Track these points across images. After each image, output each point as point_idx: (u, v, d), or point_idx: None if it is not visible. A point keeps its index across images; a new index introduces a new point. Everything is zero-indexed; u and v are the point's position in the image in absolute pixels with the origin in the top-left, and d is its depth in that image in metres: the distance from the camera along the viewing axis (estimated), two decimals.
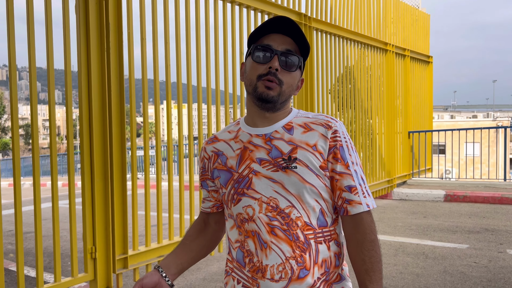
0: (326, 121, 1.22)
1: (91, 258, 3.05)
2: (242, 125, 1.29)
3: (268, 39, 1.21)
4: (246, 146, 1.24)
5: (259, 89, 1.18)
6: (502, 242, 4.42)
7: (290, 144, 1.19)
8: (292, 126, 1.23)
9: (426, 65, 8.87)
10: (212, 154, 1.30)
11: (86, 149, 3.03)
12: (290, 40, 1.21)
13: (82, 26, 3.01)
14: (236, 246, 1.24)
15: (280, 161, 1.18)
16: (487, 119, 35.41)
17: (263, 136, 1.23)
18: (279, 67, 1.18)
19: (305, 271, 1.15)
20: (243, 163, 1.22)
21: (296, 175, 1.16)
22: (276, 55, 1.19)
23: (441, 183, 8.01)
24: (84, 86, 3.02)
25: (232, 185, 1.23)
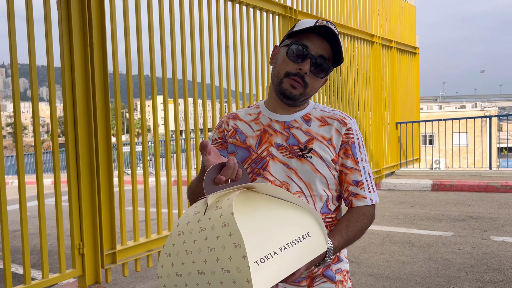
0: (342, 117, 1.30)
1: (79, 254, 3.05)
2: (262, 109, 1.35)
3: (308, 39, 1.23)
4: (266, 129, 1.30)
5: (284, 85, 1.24)
6: (486, 229, 4.51)
7: (307, 134, 1.27)
8: (310, 118, 1.30)
9: (412, 56, 8.94)
10: (232, 129, 1.35)
11: (71, 145, 3.02)
12: (327, 46, 1.24)
13: (64, 21, 3.00)
14: None
15: (296, 149, 1.25)
16: (475, 109, 35.78)
17: (282, 123, 1.29)
18: (308, 71, 1.22)
19: None
20: (262, 144, 1.28)
21: (309, 164, 1.24)
22: (309, 58, 1.22)
23: (428, 173, 8.11)
24: (68, 82, 3.02)
25: (249, 164, 1.29)
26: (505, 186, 6.56)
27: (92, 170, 3.09)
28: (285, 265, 0.91)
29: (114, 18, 3.25)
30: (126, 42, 3.38)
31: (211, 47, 4.12)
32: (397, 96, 8.15)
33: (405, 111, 8.57)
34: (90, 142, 3.09)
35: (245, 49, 4.53)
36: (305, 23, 1.24)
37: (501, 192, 6.52)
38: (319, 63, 1.23)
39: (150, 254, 3.54)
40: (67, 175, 3.02)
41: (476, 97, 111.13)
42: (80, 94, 3.05)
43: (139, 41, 3.47)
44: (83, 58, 3.07)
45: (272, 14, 4.93)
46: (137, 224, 3.46)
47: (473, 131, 8.61)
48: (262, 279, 0.83)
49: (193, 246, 0.92)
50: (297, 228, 0.99)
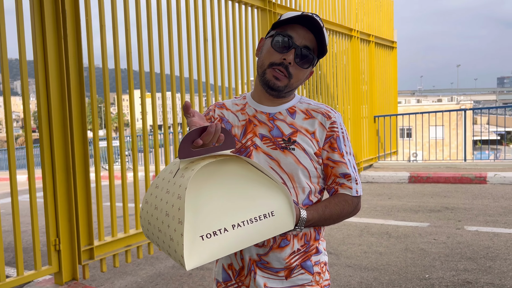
0: (327, 111, 1.30)
1: (55, 250, 3.00)
2: (248, 100, 1.35)
3: (292, 30, 1.22)
4: (251, 120, 1.31)
5: (267, 75, 1.24)
6: (460, 219, 4.63)
7: (291, 127, 1.27)
8: (295, 111, 1.30)
9: (390, 50, 9.06)
10: (218, 118, 1.35)
11: (46, 140, 2.96)
12: (312, 37, 1.23)
13: (36, 13, 2.92)
14: None
15: (279, 140, 1.26)
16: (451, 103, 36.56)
17: (267, 115, 1.30)
18: (292, 61, 1.22)
19: (286, 241, 1.25)
20: (247, 134, 1.30)
21: (292, 156, 1.24)
22: (293, 48, 1.21)
23: (406, 166, 8.26)
24: (41, 76, 2.94)
25: (233, 153, 1.29)
26: (479, 177, 6.74)
27: (68, 166, 3.04)
28: (234, 241, 0.96)
29: (89, 10, 3.19)
30: (101, 35, 3.32)
31: (189, 40, 4.08)
32: (375, 90, 8.25)
33: (383, 105, 8.69)
34: (65, 137, 3.03)
35: (223, 42, 4.51)
36: (290, 14, 1.24)
37: (475, 183, 6.70)
38: (304, 54, 1.23)
39: (128, 249, 3.51)
40: (41, 171, 2.95)
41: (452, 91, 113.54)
42: (55, 88, 2.98)
43: (115, 33, 3.41)
44: (57, 51, 3.00)
45: (251, 7, 4.92)
46: (115, 220, 3.42)
47: (449, 124, 8.80)
48: (198, 256, 0.90)
49: (159, 203, 0.99)
50: (261, 206, 1.02)
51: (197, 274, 3.39)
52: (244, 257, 1.27)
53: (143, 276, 3.43)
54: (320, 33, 1.23)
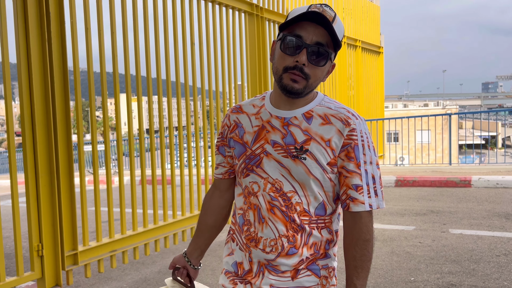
0: (347, 117, 1.21)
1: (37, 256, 2.95)
2: (266, 102, 1.30)
3: (300, 28, 1.15)
4: (264, 126, 1.27)
5: (284, 80, 1.18)
6: (445, 223, 4.68)
7: (306, 134, 1.22)
8: (312, 116, 1.23)
9: (377, 55, 9.15)
10: (233, 124, 1.33)
11: (29, 144, 2.92)
12: (323, 31, 1.15)
13: (20, 15, 2.88)
14: (239, 212, 1.34)
15: (291, 148, 1.22)
16: (437, 107, 37.04)
17: (282, 119, 1.25)
18: (306, 62, 1.15)
19: (294, 250, 1.24)
20: (258, 141, 1.27)
21: (303, 166, 1.20)
22: (305, 48, 1.15)
23: (392, 169, 8.33)
24: (25, 79, 2.90)
25: (244, 160, 1.29)
26: (464, 181, 6.82)
27: (51, 170, 2.99)
28: None
29: (74, 12, 3.16)
30: (87, 38, 3.29)
31: (176, 44, 4.07)
32: (362, 94, 8.32)
33: (370, 109, 8.76)
34: (49, 140, 2.99)
35: (211, 46, 4.50)
36: (297, 11, 1.18)
37: (460, 187, 6.78)
38: (317, 51, 1.15)
39: (113, 254, 3.47)
40: (24, 175, 2.91)
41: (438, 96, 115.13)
42: (38, 91, 2.94)
43: (101, 37, 3.39)
44: (41, 54, 2.96)
45: (238, 11, 4.93)
46: (100, 224, 3.38)
47: (435, 128, 8.91)
48: None
49: None
50: None
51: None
52: (253, 260, 1.29)
53: (129, 281, 3.39)
54: (330, 26, 1.14)
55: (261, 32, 5.23)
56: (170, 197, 5.54)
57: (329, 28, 1.15)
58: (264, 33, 5.37)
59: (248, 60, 5.11)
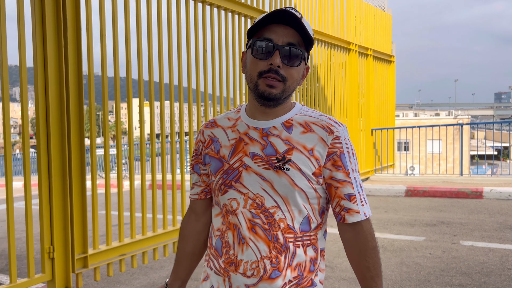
0: (329, 124, 1.17)
1: (48, 258, 2.99)
2: (242, 114, 1.24)
3: (269, 32, 1.13)
4: (242, 138, 1.20)
5: (260, 87, 1.13)
6: (456, 234, 4.63)
7: (287, 143, 1.15)
8: (292, 124, 1.18)
9: (388, 64, 9.13)
10: (208, 139, 1.26)
11: (43, 147, 2.96)
12: (292, 31, 1.13)
13: (38, 21, 2.94)
14: (217, 234, 1.24)
15: (273, 159, 1.15)
16: (449, 117, 36.72)
17: (261, 130, 1.18)
18: (281, 63, 1.11)
19: (277, 273, 1.15)
20: (235, 154, 1.19)
21: (287, 177, 1.14)
22: (277, 50, 1.11)
23: (402, 179, 8.27)
24: (41, 83, 2.96)
25: (221, 175, 1.21)
26: (475, 192, 6.75)
27: (64, 173, 3.03)
28: None
29: (90, 18, 3.21)
30: (102, 43, 3.34)
31: (189, 50, 4.11)
32: (373, 103, 8.30)
33: (381, 118, 8.72)
34: (62, 144, 3.03)
35: (223, 52, 4.54)
36: (262, 16, 1.16)
37: (471, 198, 6.70)
38: (290, 52, 1.12)
39: (123, 258, 3.49)
40: (38, 178, 2.95)
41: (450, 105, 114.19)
42: (53, 95, 2.99)
43: (115, 42, 3.44)
44: (57, 59, 3.01)
45: (251, 19, 4.96)
46: (110, 228, 3.41)
47: (446, 138, 8.84)
48: None
49: None
50: None
51: (190, 285, 3.37)
52: (233, 286, 1.19)
53: (137, 285, 3.40)
54: (300, 25, 1.12)
55: None
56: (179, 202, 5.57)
57: (299, 27, 1.12)
58: None
59: None
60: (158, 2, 3.79)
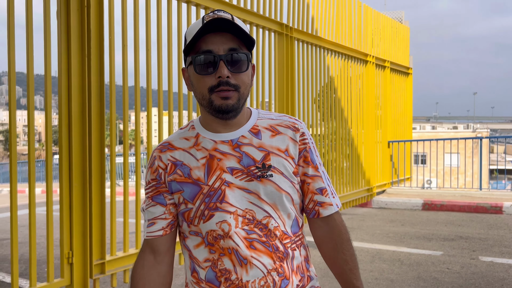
0: (292, 123, 1.18)
1: (67, 263, 3.04)
2: (200, 130, 1.16)
3: (206, 43, 1.06)
4: (213, 155, 1.12)
5: (215, 102, 1.08)
6: (475, 249, 4.55)
7: (261, 150, 1.13)
8: (259, 130, 1.15)
9: (406, 76, 9.08)
10: (169, 163, 1.15)
11: (65, 154, 3.03)
12: (230, 36, 1.07)
13: (63, 32, 3.04)
14: (206, 265, 1.13)
15: (253, 169, 1.11)
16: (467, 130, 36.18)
17: (230, 142, 1.13)
18: (229, 73, 1.06)
19: (286, 281, 1.12)
20: (212, 173, 1.11)
21: (272, 183, 1.11)
22: (221, 60, 1.06)
23: (419, 192, 8.16)
24: (64, 92, 3.04)
25: (201, 200, 1.11)
26: (495, 207, 6.62)
27: (84, 180, 3.10)
28: None
29: (113, 29, 3.30)
30: (123, 54, 3.42)
31: None
32: (390, 115, 8.25)
33: (398, 130, 8.66)
34: (83, 151, 3.10)
35: None
36: (193, 28, 1.09)
37: (491, 213, 6.57)
38: (234, 58, 1.07)
39: None
40: (59, 184, 3.02)
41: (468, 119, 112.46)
42: (76, 104, 3.07)
43: (137, 53, 3.52)
44: (81, 68, 3.10)
45: (268, 31, 5.02)
46: (127, 235, 3.45)
47: (464, 152, 8.71)
48: None
49: None
50: None
51: None
52: None
53: None
54: (235, 27, 1.06)
55: (289, 51, 5.31)
56: None
57: (235, 29, 1.06)
58: (293, 52, 5.44)
59: (276, 77, 5.19)
60: (179, 14, 3.87)
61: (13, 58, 2.77)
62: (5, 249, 4.92)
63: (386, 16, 8.16)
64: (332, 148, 6.46)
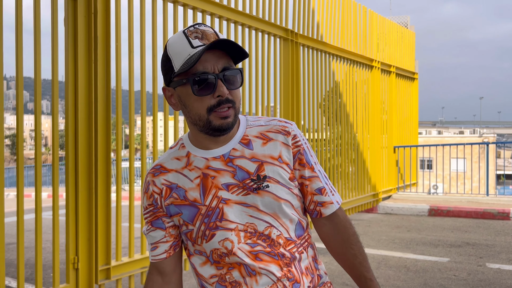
0: (282, 126, 1.16)
1: (73, 269, 3.04)
2: (190, 149, 1.15)
3: (201, 63, 1.05)
4: (206, 173, 1.11)
5: (214, 122, 1.07)
6: (482, 256, 4.50)
7: (254, 160, 1.11)
8: (250, 140, 1.14)
9: (411, 81, 9.06)
10: (164, 188, 1.14)
11: (71, 159, 3.04)
12: (219, 53, 1.07)
13: (70, 38, 3.06)
14: (213, 281, 1.14)
15: (249, 182, 1.10)
16: (473, 135, 35.97)
17: (222, 158, 1.12)
18: (227, 90, 1.07)
19: (297, 285, 1.12)
20: (208, 193, 1.11)
21: (269, 194, 1.11)
22: (219, 80, 1.06)
23: (425, 198, 8.11)
24: (71, 97, 3.06)
25: (201, 221, 1.11)
26: (502, 213, 6.56)
27: (90, 185, 3.11)
28: None
29: (119, 35, 3.32)
30: (129, 59, 3.44)
31: None
32: (396, 120, 8.22)
33: (404, 135, 8.63)
34: (90, 156, 3.11)
35: (246, 69, 4.60)
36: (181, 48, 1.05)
37: (498, 219, 6.52)
38: (229, 77, 1.08)
39: (144, 271, 3.52)
40: (65, 189, 3.03)
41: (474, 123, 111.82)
42: (83, 109, 3.09)
43: (143, 58, 3.54)
44: (87, 73, 3.12)
45: (274, 36, 5.03)
46: (132, 240, 3.46)
47: (471, 157, 8.66)
48: None
49: None
50: None
51: None
52: None
53: None
54: (224, 43, 1.05)
55: (295, 57, 5.32)
56: None
57: (225, 45, 1.06)
58: (298, 57, 5.44)
59: (281, 83, 5.19)
60: (185, 20, 3.89)
61: (20, 63, 2.79)
62: (12, 254, 4.94)
63: (391, 21, 8.16)
64: (337, 153, 6.45)
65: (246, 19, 4.49)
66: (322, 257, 3.77)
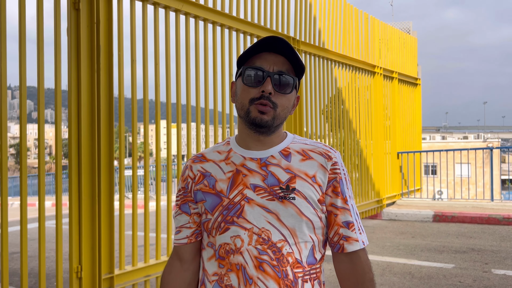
0: (326, 150, 1.16)
1: (76, 277, 3.04)
2: (233, 146, 1.19)
3: (260, 60, 1.12)
4: (239, 170, 1.14)
5: (252, 114, 1.11)
6: (487, 262, 4.46)
7: (288, 172, 1.12)
8: (290, 152, 1.15)
9: (414, 87, 9.05)
10: (198, 174, 1.18)
11: (74, 168, 3.05)
12: (283, 59, 1.13)
13: (73, 47, 3.08)
14: (213, 279, 1.15)
15: (277, 189, 1.10)
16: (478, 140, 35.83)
17: (258, 161, 1.14)
18: (272, 90, 1.10)
19: None
20: (235, 188, 1.13)
21: (293, 206, 1.10)
22: (268, 77, 1.10)
23: (430, 204, 8.07)
24: (74, 106, 3.07)
25: (220, 212, 1.13)
26: (507, 218, 6.51)
27: (93, 193, 3.11)
28: None
29: (122, 44, 3.34)
30: (132, 68, 3.46)
31: (215, 74, 4.21)
32: (399, 125, 8.21)
33: (407, 141, 8.61)
34: (93, 165, 3.12)
35: None
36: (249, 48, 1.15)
37: (503, 225, 6.47)
38: (281, 79, 1.11)
39: (147, 279, 3.51)
40: (68, 198, 3.03)
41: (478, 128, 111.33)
42: (86, 117, 3.10)
43: (145, 66, 3.56)
44: (90, 82, 3.14)
45: None
46: (136, 249, 3.45)
47: (475, 162, 8.62)
48: None
49: None
50: None
51: None
52: None
53: None
54: (291, 52, 1.12)
55: None
56: None
57: (290, 54, 1.12)
58: None
59: None
60: (187, 28, 3.91)
61: (24, 72, 2.81)
62: (15, 263, 4.94)
63: (393, 27, 8.18)
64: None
65: (248, 27, 4.52)
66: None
